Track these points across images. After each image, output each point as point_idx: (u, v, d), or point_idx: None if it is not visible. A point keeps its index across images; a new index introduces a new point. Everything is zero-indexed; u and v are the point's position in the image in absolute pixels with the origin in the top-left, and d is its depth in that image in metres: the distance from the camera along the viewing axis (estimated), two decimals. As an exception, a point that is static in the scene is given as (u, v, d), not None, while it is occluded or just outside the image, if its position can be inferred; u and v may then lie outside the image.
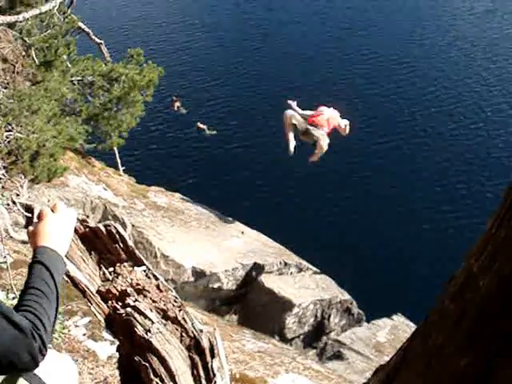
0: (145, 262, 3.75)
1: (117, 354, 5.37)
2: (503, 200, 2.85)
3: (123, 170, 22.89)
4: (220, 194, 27.35)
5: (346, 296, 18.46)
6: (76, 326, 5.54)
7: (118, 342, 4.63)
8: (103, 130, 18.99)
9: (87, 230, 3.49)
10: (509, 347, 2.92)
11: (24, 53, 17.72)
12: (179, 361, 3.78)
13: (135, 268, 3.71)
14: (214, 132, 31.92)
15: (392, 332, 16.16)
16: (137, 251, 3.69)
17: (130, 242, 3.62)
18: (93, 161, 19.83)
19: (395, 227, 27.23)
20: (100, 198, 16.67)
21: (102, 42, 19.70)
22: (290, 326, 16.84)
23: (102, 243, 3.57)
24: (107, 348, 5.36)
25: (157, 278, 3.80)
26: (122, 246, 3.60)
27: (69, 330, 5.40)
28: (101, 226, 3.49)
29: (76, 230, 3.46)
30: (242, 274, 17.07)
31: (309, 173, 30.67)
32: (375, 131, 33.62)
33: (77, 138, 17.28)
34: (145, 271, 3.75)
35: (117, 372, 4.96)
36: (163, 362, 3.70)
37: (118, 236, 3.55)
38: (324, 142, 17.37)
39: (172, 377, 3.73)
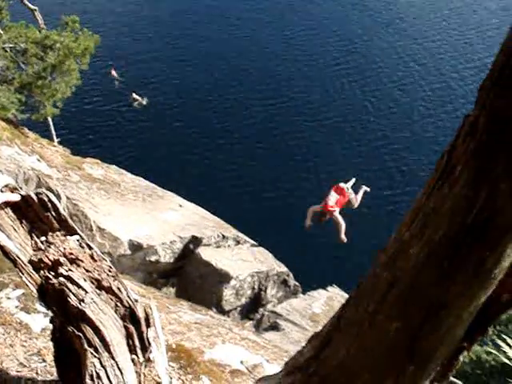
0: (78, 231, 3.68)
1: (51, 326, 5.29)
2: (433, 171, 2.92)
3: (58, 142, 22.33)
4: (157, 167, 27.10)
5: (283, 268, 18.69)
6: (8, 298, 5.41)
7: (51, 314, 4.55)
8: (37, 100, 18.42)
9: (19, 198, 3.39)
10: (436, 314, 3.03)
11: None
12: (114, 331, 3.74)
13: (68, 237, 3.63)
14: (145, 102, 31.49)
15: (327, 303, 16.50)
16: (69, 220, 3.61)
17: (63, 211, 3.53)
18: (26, 131, 19.23)
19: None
20: (33, 170, 16.20)
21: (36, 8, 19.01)
22: (227, 298, 16.96)
23: (34, 212, 3.47)
24: (41, 320, 5.26)
25: (90, 248, 3.73)
26: (54, 214, 3.51)
27: (0, 303, 5.27)
28: (32, 193, 3.39)
29: (6, 199, 3.36)
30: (180, 247, 17.02)
31: (247, 147, 30.75)
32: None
33: (9, 107, 16.73)
34: (78, 240, 3.67)
35: (51, 344, 4.87)
36: (97, 332, 3.65)
37: (49, 204, 3.46)
38: (338, 219, 17.04)
39: (107, 347, 3.69)
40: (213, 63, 36.74)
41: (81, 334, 3.61)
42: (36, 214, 3.50)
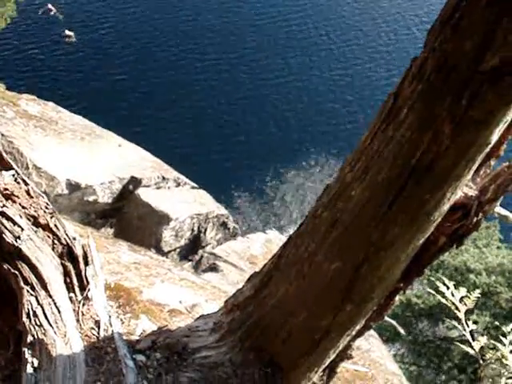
0: (13, 165, 3.55)
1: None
2: (378, 114, 2.92)
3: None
4: (96, 105, 26.38)
5: (223, 211, 18.75)
6: None
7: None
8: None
9: None
10: (375, 255, 3.08)
11: None
12: (51, 269, 3.68)
13: (3, 172, 3.50)
14: (75, 39, 30.50)
15: (266, 245, 16.68)
16: (4, 154, 3.47)
17: (-3, 145, 3.39)
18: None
19: (276, 143, 27.80)
20: None
21: None
22: (166, 240, 16.93)
23: (-35, 145, 3.33)
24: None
25: (26, 184, 3.62)
26: (-13, 148, 3.37)
27: None
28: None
29: None
30: (119, 188, 16.76)
31: (188, 82, 30.23)
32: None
33: None
34: (13, 175, 3.55)
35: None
36: (34, 269, 3.58)
37: (-17, 137, 3.32)
38: None
39: (43, 284, 3.63)
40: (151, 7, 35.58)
41: (17, 272, 3.53)
42: (-32, 147, 3.34)
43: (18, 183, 3.55)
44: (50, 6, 33.12)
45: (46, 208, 3.64)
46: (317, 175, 26.33)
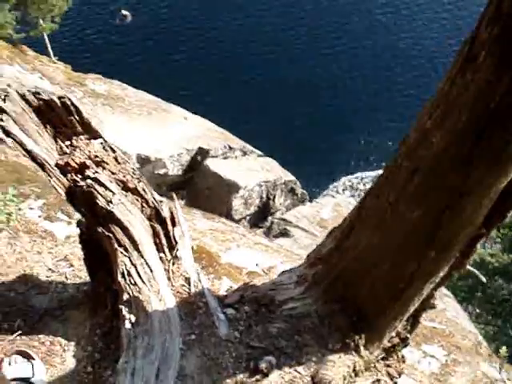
0: (101, 134, 3.73)
1: (75, 234, 5.44)
2: (455, 60, 2.93)
3: (56, 59, 21.95)
4: (159, 80, 26.76)
5: (290, 177, 18.86)
6: (31, 209, 5.53)
7: (76, 220, 4.67)
8: (34, 16, 18.01)
9: (41, 102, 3.42)
10: (457, 201, 3.11)
11: None
12: (141, 230, 3.86)
13: (92, 140, 3.69)
14: (133, 24, 30.84)
15: (335, 209, 16.71)
16: (93, 123, 3.65)
17: (86, 114, 3.57)
18: (25, 49, 18.90)
19: (342, 108, 27.60)
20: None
21: None
22: (236, 208, 17.21)
23: (57, 116, 3.51)
24: (64, 228, 5.40)
25: (114, 151, 3.80)
26: (77, 118, 3.55)
27: (24, 213, 5.39)
28: (55, 97, 3.41)
29: (30, 103, 3.39)
30: (188, 159, 17.13)
31: (249, 53, 30.26)
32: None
33: (6, 26, 16.40)
34: (101, 143, 3.73)
35: (76, 250, 5.03)
36: (126, 231, 3.77)
37: (72, 108, 3.49)
38: None
39: (135, 246, 3.82)
40: None
41: (110, 235, 3.72)
42: (59, 118, 3.54)
43: (106, 150, 3.73)
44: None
45: (133, 173, 3.82)
46: (381, 141, 26.04)
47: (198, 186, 17.44)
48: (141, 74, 26.59)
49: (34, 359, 3.79)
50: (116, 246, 3.76)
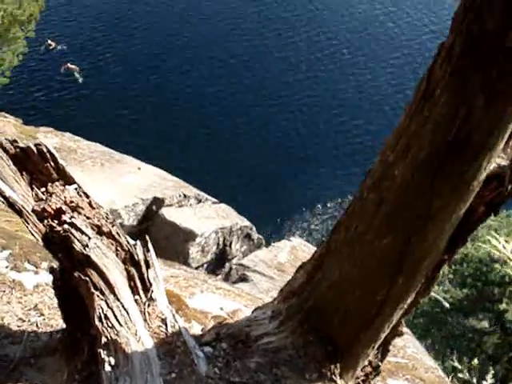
0: (75, 180, 3.82)
1: (43, 283, 5.43)
2: (413, 96, 3.17)
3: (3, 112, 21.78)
4: (110, 131, 26.79)
5: (246, 222, 18.98)
6: (-4, 260, 5.51)
7: (42, 271, 4.70)
8: (-18, 70, 17.99)
9: (18, 150, 3.49)
10: (422, 227, 3.31)
11: None
12: (117, 273, 3.93)
13: (67, 186, 3.77)
14: (81, 77, 30.98)
15: (292, 252, 16.89)
16: (67, 169, 3.74)
17: (61, 161, 3.66)
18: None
19: (289, 152, 28.05)
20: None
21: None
22: (193, 256, 17.19)
23: (33, 163, 3.59)
24: (32, 278, 5.38)
25: (88, 196, 3.88)
26: (53, 165, 3.63)
27: (-11, 264, 5.37)
28: (31, 145, 3.50)
29: (7, 151, 3.46)
30: (143, 209, 17.09)
31: (200, 103, 30.65)
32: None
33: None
34: (76, 189, 3.81)
35: (46, 299, 5.03)
36: (102, 275, 3.83)
37: (48, 155, 3.58)
38: None
39: (111, 289, 3.88)
40: (156, 30, 36.17)
41: (87, 278, 3.78)
42: (35, 165, 3.62)
43: (81, 196, 3.81)
44: (49, 41, 33.71)
45: (107, 218, 3.90)
46: (335, 181, 26.56)
47: (155, 235, 17.35)
48: (92, 126, 26.58)
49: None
50: (92, 289, 3.81)
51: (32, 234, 3.59)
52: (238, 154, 27.60)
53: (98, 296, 3.82)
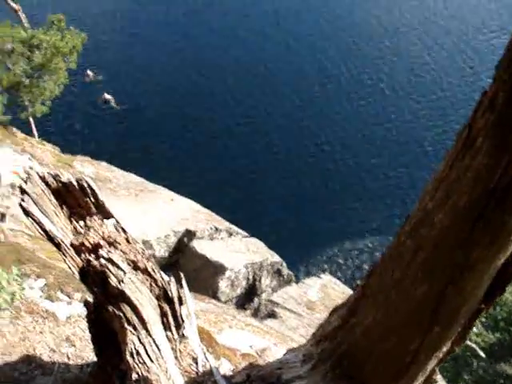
0: (113, 215, 3.87)
1: (75, 315, 5.47)
2: (454, 144, 3.16)
3: (41, 139, 22.28)
4: (144, 162, 27.14)
5: (276, 258, 18.92)
6: (31, 288, 5.56)
7: (75, 302, 4.73)
8: (25, 99, 18.44)
9: (59, 184, 3.56)
10: (460, 276, 3.26)
11: None
12: (150, 309, 3.94)
13: (105, 221, 3.81)
14: (115, 103, 31.55)
15: (322, 290, 16.74)
16: (106, 204, 3.79)
17: (101, 196, 3.72)
18: (14, 131, 19.22)
19: (323, 188, 28.02)
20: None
21: (20, 7, 18.96)
22: (223, 290, 17.15)
23: (73, 197, 3.64)
24: (65, 308, 5.42)
25: (125, 231, 3.92)
26: (92, 199, 3.69)
27: (25, 293, 5.42)
28: (73, 180, 3.56)
29: (49, 185, 3.53)
30: (174, 241, 17.19)
31: (234, 137, 30.92)
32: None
33: (-1, 107, 16.77)
34: (114, 224, 3.86)
35: (77, 330, 5.06)
36: (136, 310, 3.83)
37: (89, 190, 3.64)
38: None
39: (144, 324, 3.88)
40: (193, 62, 36.81)
41: (121, 313, 3.79)
42: (75, 199, 3.67)
43: (118, 231, 3.86)
44: (88, 72, 34.57)
45: (143, 253, 3.94)
46: (369, 220, 26.42)
47: (185, 267, 17.41)
48: (127, 156, 26.95)
49: None
50: (125, 324, 3.82)
51: (69, 267, 3.63)
52: (272, 188, 27.68)
53: (130, 331, 3.83)
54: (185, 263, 17.50)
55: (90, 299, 4.09)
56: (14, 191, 12.76)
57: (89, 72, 34.78)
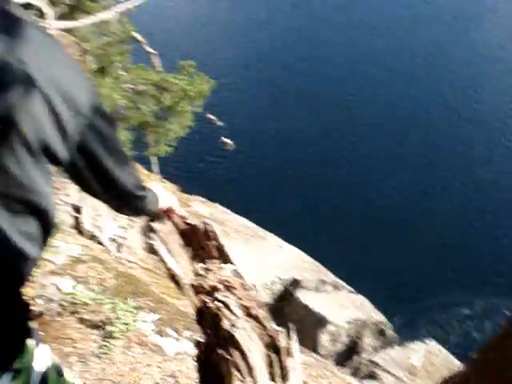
0: (232, 260, 3.98)
1: (182, 352, 5.62)
2: None
3: (162, 177, 23.22)
4: (257, 206, 27.62)
5: (381, 317, 18.48)
6: (144, 322, 5.79)
7: (183, 340, 4.86)
8: (151, 138, 19.43)
9: (187, 226, 3.76)
10: None
11: (79, 58, 18.23)
12: (258, 357, 3.97)
13: (224, 265, 3.94)
14: (231, 147, 32.40)
15: (426, 356, 16.12)
16: (226, 249, 3.92)
17: (222, 241, 3.86)
18: (139, 168, 20.21)
19: (433, 255, 27.16)
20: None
21: (156, 52, 20.11)
22: (323, 344, 16.93)
23: (197, 240, 3.82)
24: (173, 344, 5.59)
25: (241, 277, 4.02)
26: (215, 244, 3.84)
27: (137, 325, 5.66)
28: (200, 223, 3.74)
29: (177, 226, 3.73)
30: (280, 289, 17.26)
31: (350, 188, 30.83)
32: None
33: (125, 144, 17.74)
34: (232, 269, 3.98)
35: (183, 368, 5.19)
36: (244, 356, 3.88)
37: (212, 234, 3.80)
38: None
39: (250, 372, 3.92)
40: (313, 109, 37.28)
41: (229, 357, 3.86)
42: (199, 241, 3.84)
43: (235, 276, 3.97)
44: (210, 115, 35.83)
45: (257, 301, 4.01)
46: (483, 288, 25.29)
47: (287, 316, 17.38)
48: (241, 201, 27.53)
49: None
50: (232, 369, 3.88)
51: (191, 306, 3.77)
52: (384, 244, 27.20)
53: (236, 376, 3.88)
54: (288, 312, 17.48)
55: (200, 339, 4.19)
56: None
57: (211, 116, 36.11)
